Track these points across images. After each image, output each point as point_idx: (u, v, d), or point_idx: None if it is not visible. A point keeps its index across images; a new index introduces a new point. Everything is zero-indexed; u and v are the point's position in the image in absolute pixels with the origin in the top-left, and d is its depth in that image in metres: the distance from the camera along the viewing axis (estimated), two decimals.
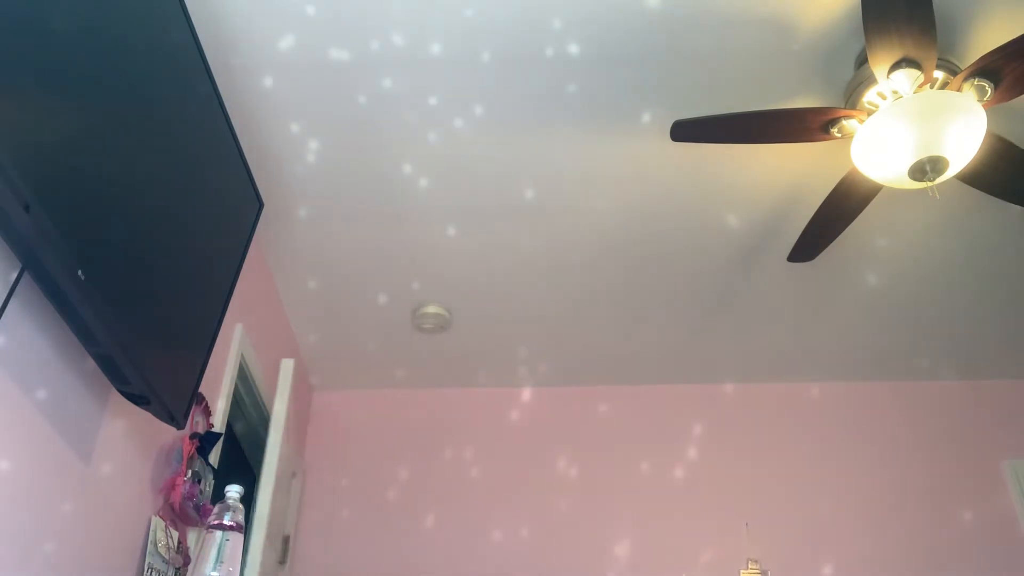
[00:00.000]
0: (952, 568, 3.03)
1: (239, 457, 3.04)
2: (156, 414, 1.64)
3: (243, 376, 2.63)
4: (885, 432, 3.37)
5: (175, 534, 1.94)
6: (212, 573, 1.62)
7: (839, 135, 2.10)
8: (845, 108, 2.10)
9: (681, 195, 2.59)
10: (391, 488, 3.32)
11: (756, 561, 2.21)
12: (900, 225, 2.70)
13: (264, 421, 2.89)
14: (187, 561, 1.94)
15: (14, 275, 1.32)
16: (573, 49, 2.12)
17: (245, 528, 1.74)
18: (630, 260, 2.86)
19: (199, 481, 2.01)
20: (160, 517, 1.89)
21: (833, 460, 3.31)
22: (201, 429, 2.12)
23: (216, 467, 2.16)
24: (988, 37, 2.06)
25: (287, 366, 2.52)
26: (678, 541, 3.16)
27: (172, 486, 1.93)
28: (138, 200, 1.57)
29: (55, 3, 1.33)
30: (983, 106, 1.98)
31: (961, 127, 1.95)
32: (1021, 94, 1.97)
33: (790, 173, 2.50)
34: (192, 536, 2.06)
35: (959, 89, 1.97)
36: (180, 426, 1.72)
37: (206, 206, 1.90)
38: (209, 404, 2.21)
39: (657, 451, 3.38)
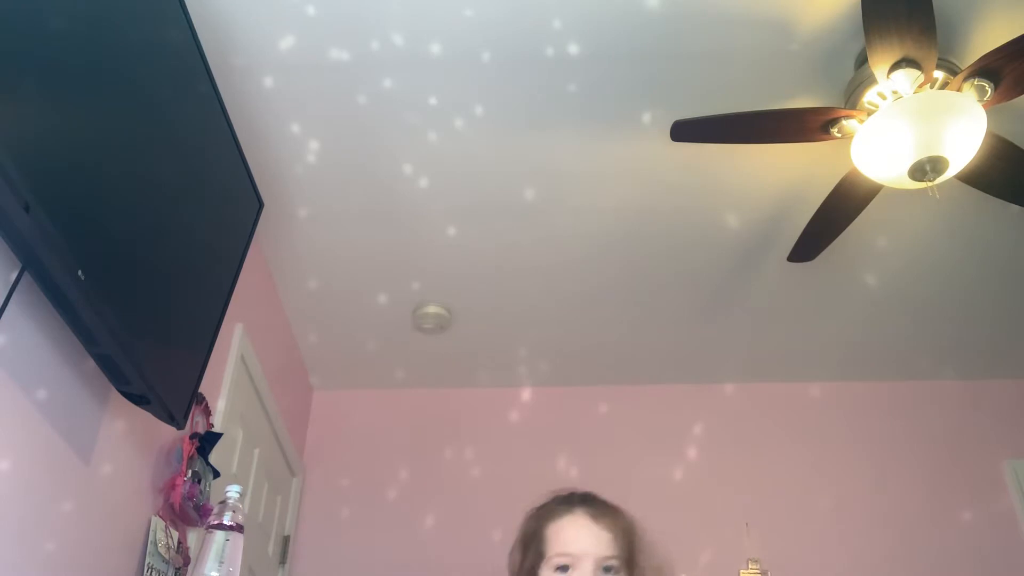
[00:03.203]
0: (952, 568, 3.03)
1: None
2: (156, 414, 1.64)
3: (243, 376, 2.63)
4: (885, 432, 3.37)
5: (175, 534, 1.94)
6: (212, 573, 1.62)
7: (839, 135, 2.10)
8: (845, 108, 2.10)
9: (681, 195, 2.58)
10: (391, 488, 3.32)
11: (756, 561, 2.21)
12: (900, 225, 2.70)
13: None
14: (187, 561, 1.94)
15: (14, 275, 1.32)
16: (573, 49, 2.12)
17: None
18: (630, 260, 2.86)
19: (199, 481, 2.00)
20: (160, 517, 1.89)
21: (833, 460, 3.30)
22: (201, 429, 2.12)
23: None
24: (988, 37, 2.06)
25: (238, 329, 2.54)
26: (678, 541, 3.15)
27: (172, 486, 1.93)
28: (138, 200, 1.57)
29: (55, 3, 1.33)
30: (983, 106, 1.98)
31: (961, 127, 1.95)
32: (1021, 94, 1.98)
33: (790, 173, 2.50)
34: (192, 536, 2.06)
35: (959, 89, 1.97)
36: (180, 426, 1.72)
37: (206, 206, 1.91)
38: (209, 404, 2.21)
39: (657, 451, 3.37)
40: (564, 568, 1.36)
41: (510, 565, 1.47)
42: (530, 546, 1.45)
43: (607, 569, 1.36)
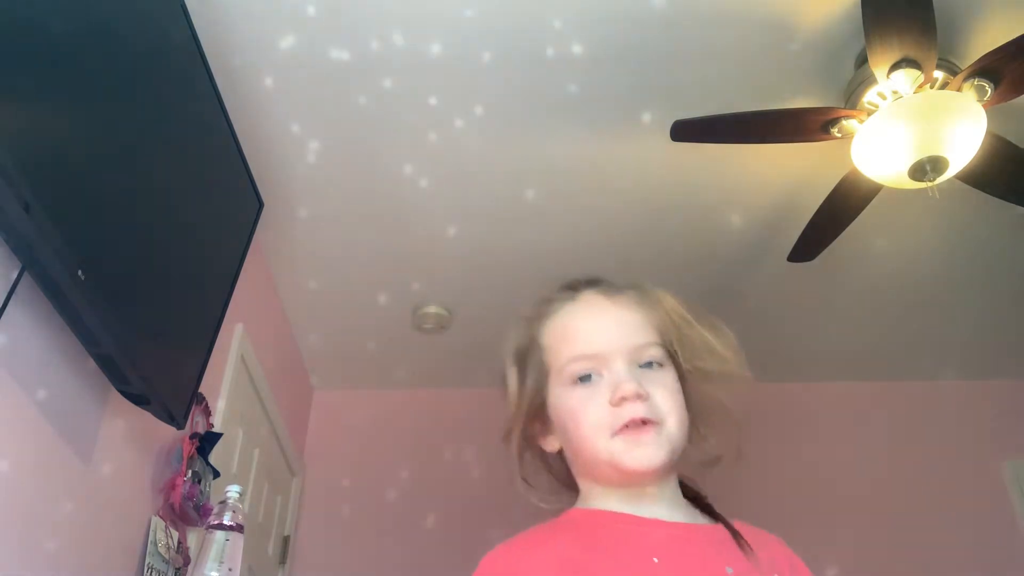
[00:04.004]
0: (952, 568, 3.02)
1: None
2: (156, 414, 1.64)
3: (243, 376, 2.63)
4: (885, 432, 3.37)
5: (175, 534, 1.94)
6: (212, 573, 1.62)
7: (839, 135, 2.10)
8: (845, 108, 2.10)
9: (681, 195, 2.58)
10: (391, 488, 3.31)
11: None
12: (900, 225, 2.69)
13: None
14: (187, 561, 1.94)
15: (14, 275, 1.32)
16: (574, 49, 2.12)
17: None
18: (630, 260, 2.85)
19: (199, 481, 2.00)
20: (160, 517, 1.89)
21: (832, 460, 3.30)
22: (201, 429, 2.11)
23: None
24: (988, 37, 2.05)
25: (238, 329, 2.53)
26: None
27: (172, 486, 1.92)
28: (138, 200, 1.57)
29: (55, 3, 1.33)
30: (983, 106, 1.98)
31: (961, 127, 1.95)
32: (1021, 94, 1.98)
33: (790, 173, 2.50)
34: (192, 536, 2.06)
35: (959, 89, 1.97)
36: (180, 426, 1.72)
37: (206, 206, 1.91)
38: (209, 404, 2.21)
39: None
40: (586, 378, 0.89)
41: (507, 401, 1.02)
42: (527, 363, 0.98)
43: (648, 364, 0.91)
